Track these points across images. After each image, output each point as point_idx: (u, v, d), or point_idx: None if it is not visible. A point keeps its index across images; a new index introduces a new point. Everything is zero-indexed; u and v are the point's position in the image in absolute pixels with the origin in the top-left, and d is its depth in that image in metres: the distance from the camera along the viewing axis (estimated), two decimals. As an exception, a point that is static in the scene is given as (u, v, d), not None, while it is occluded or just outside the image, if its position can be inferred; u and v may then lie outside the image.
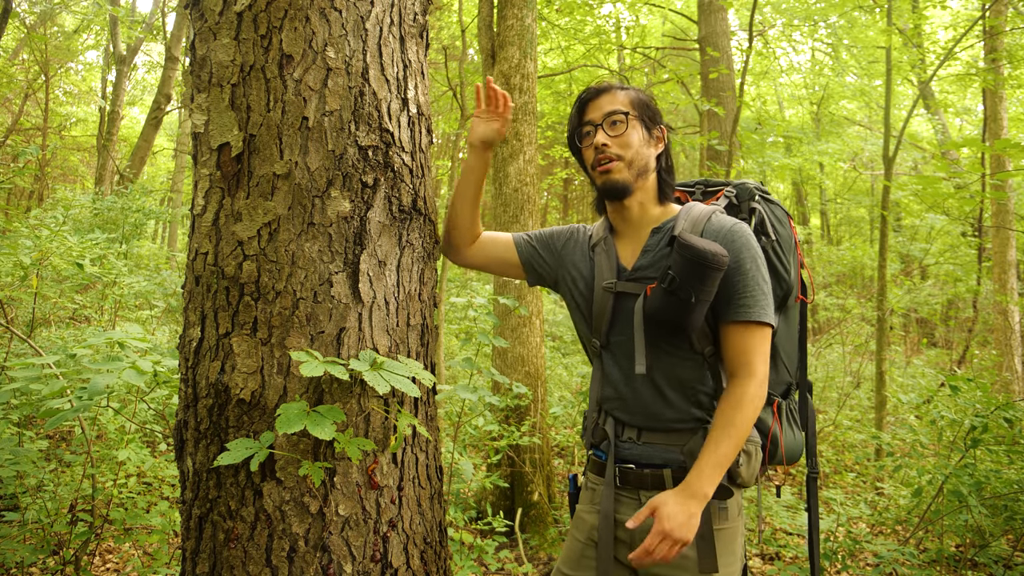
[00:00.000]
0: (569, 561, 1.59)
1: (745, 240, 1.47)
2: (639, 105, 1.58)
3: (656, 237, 1.56)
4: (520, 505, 4.52)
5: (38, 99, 14.84)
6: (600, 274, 1.59)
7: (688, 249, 1.37)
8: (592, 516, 1.57)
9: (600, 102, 1.58)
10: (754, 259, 1.46)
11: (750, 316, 1.43)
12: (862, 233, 18.50)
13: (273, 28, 1.39)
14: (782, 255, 1.58)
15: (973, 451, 3.40)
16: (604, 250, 1.62)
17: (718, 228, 1.49)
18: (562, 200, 20.05)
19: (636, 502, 1.50)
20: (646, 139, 1.57)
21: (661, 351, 1.49)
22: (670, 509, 1.35)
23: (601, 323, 1.57)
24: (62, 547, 2.59)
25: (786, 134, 11.49)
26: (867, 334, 10.12)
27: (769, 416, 1.57)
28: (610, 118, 1.55)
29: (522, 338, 4.76)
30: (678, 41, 13.22)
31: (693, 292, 1.37)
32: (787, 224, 1.64)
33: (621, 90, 1.59)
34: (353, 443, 1.31)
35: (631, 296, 1.53)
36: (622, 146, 1.54)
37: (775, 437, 1.56)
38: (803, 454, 1.67)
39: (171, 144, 19.54)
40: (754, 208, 1.61)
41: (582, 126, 1.61)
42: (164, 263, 10.26)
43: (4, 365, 3.28)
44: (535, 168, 4.96)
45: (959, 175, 8.69)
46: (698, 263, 1.36)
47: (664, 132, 1.61)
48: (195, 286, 1.44)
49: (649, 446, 1.51)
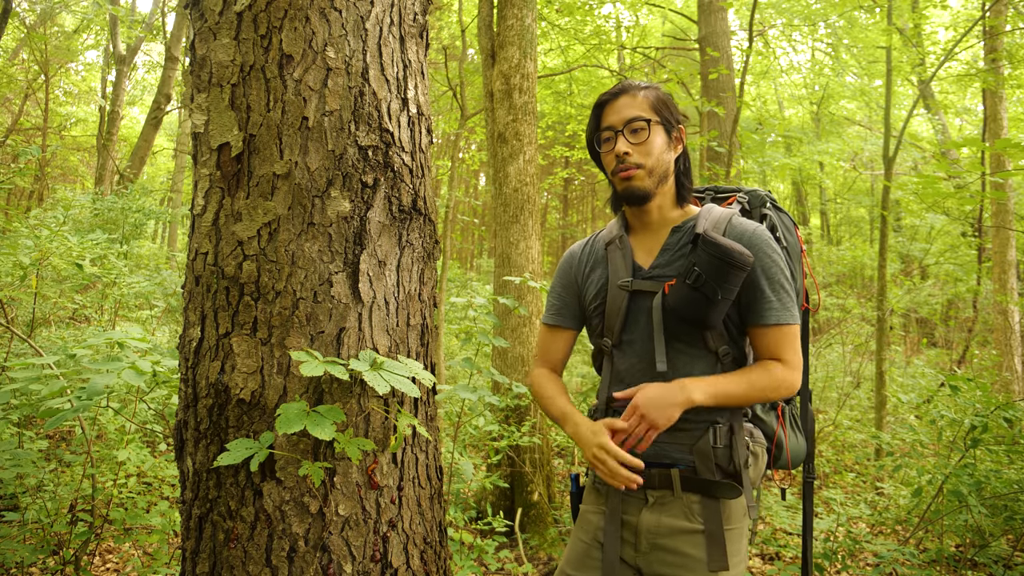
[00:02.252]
0: (573, 561, 1.58)
1: (768, 244, 1.48)
2: (660, 108, 1.56)
3: (676, 236, 1.56)
4: (520, 505, 4.52)
5: (38, 99, 14.84)
6: (615, 272, 1.59)
7: (715, 247, 1.39)
8: (597, 516, 1.57)
9: (619, 105, 1.56)
10: (777, 263, 1.48)
11: (779, 319, 1.46)
12: (862, 233, 18.50)
13: (273, 28, 1.39)
14: (790, 263, 1.58)
15: (973, 451, 3.40)
16: (619, 248, 1.61)
17: (740, 231, 1.49)
18: (562, 200, 20.05)
19: (643, 501, 1.50)
20: (667, 144, 1.56)
21: (676, 350, 1.50)
22: (651, 392, 1.42)
23: (614, 322, 1.57)
24: (62, 547, 2.59)
25: (786, 134, 11.49)
26: (867, 334, 10.11)
27: (774, 420, 1.58)
28: (631, 125, 1.53)
29: (522, 338, 4.76)
30: (678, 41, 13.22)
31: (719, 289, 1.39)
32: (794, 232, 1.66)
33: (641, 91, 1.57)
34: (353, 443, 1.31)
35: (647, 295, 1.53)
36: (644, 154, 1.53)
37: (780, 441, 1.57)
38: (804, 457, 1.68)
39: (171, 144, 19.54)
40: (765, 215, 1.62)
41: (601, 131, 1.59)
42: (164, 263, 10.26)
43: (4, 365, 3.28)
44: (535, 168, 4.96)
45: (959, 175, 8.69)
46: (725, 260, 1.38)
47: (683, 133, 1.59)
48: (195, 286, 1.44)
49: (657, 445, 1.51)
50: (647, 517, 1.49)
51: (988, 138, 8.80)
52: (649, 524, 1.48)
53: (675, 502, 1.47)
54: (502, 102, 4.95)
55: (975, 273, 10.27)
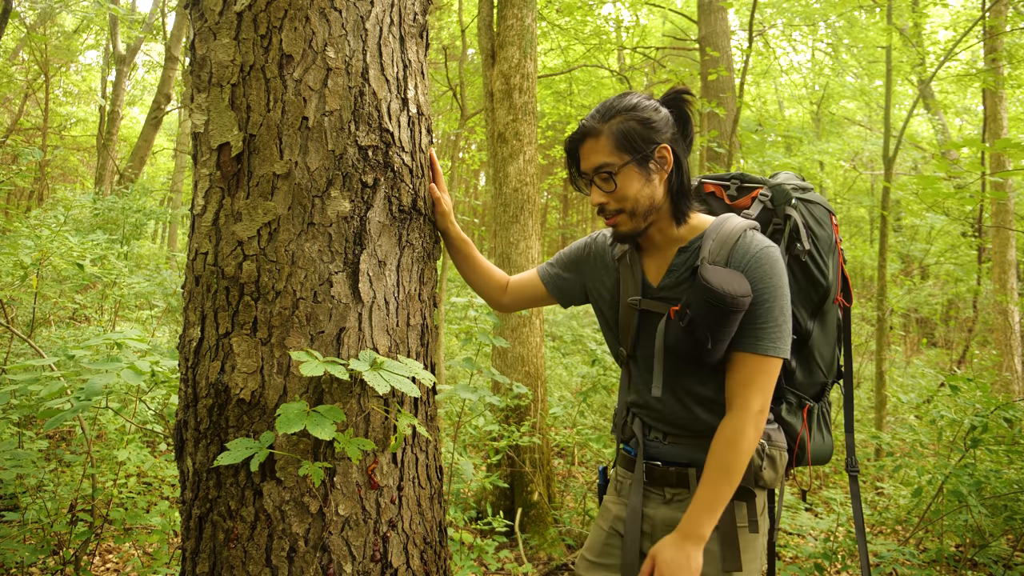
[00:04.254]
0: (593, 548, 1.63)
1: (771, 268, 1.41)
2: (626, 144, 1.44)
3: (682, 257, 1.51)
4: (520, 505, 4.52)
5: (38, 99, 14.84)
6: (625, 289, 1.59)
7: (707, 291, 1.34)
8: (617, 507, 1.61)
9: (585, 150, 1.49)
10: (776, 288, 1.41)
11: (759, 350, 1.40)
12: (862, 233, 18.49)
13: (273, 28, 1.38)
14: (819, 258, 1.55)
15: (973, 451, 3.40)
16: (629, 264, 1.60)
17: (744, 252, 1.42)
18: (562, 200, 20.05)
19: (661, 497, 1.54)
20: (644, 179, 1.45)
21: (683, 371, 1.50)
22: (668, 554, 1.38)
23: (627, 336, 1.58)
24: (62, 547, 2.59)
25: (786, 134, 11.49)
26: (867, 334, 10.11)
27: (799, 422, 1.58)
28: (599, 174, 1.47)
29: (522, 338, 4.76)
30: (678, 41, 13.22)
31: (710, 334, 1.36)
32: (828, 223, 1.59)
33: (604, 125, 1.45)
34: (353, 443, 1.31)
35: (656, 315, 1.52)
36: (620, 200, 1.47)
37: (803, 442, 1.57)
38: (831, 455, 1.68)
39: (171, 144, 19.54)
40: (788, 215, 1.55)
41: (579, 175, 1.55)
42: (164, 263, 10.26)
43: (4, 368, 3.28)
44: (535, 168, 4.96)
45: (959, 175, 8.69)
46: (716, 305, 1.34)
47: (668, 151, 1.46)
48: (195, 286, 1.44)
49: (675, 446, 1.54)
50: (664, 511, 1.53)
51: (988, 138, 8.80)
52: (665, 517, 1.52)
53: (691, 499, 1.48)
54: (502, 102, 4.95)
55: (975, 273, 10.27)
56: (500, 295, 1.81)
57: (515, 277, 1.83)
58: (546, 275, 1.77)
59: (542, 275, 1.78)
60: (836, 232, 1.62)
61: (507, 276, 1.83)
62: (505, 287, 1.81)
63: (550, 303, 1.81)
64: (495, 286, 1.80)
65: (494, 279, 1.80)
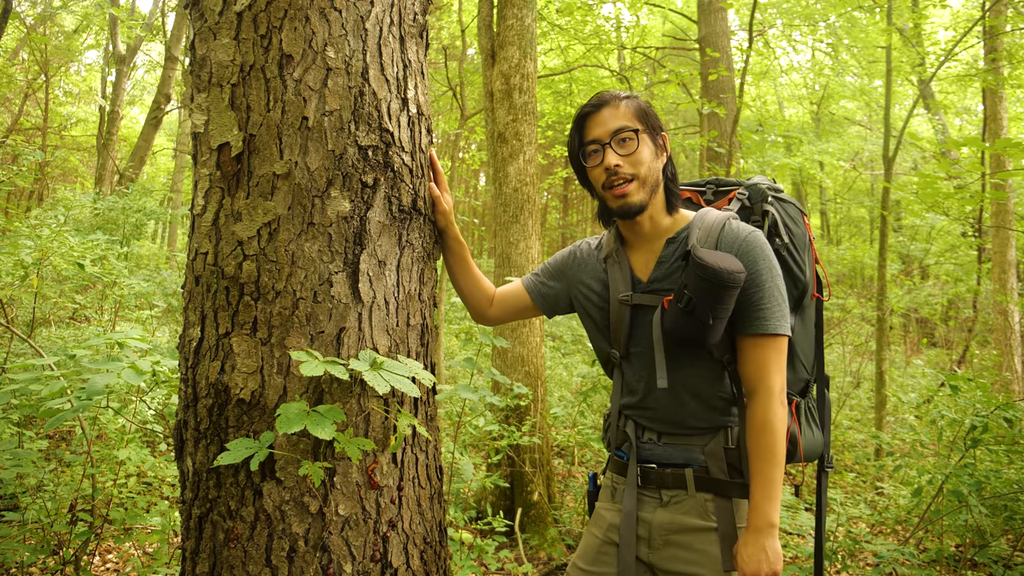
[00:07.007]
0: (586, 556, 1.60)
1: (761, 250, 1.45)
2: (644, 117, 1.52)
3: (670, 248, 1.53)
4: (520, 505, 4.52)
5: (38, 99, 14.85)
6: (615, 287, 1.59)
7: (703, 269, 1.35)
8: (611, 514, 1.59)
9: (602, 117, 1.52)
10: (770, 269, 1.44)
11: (767, 329, 1.42)
12: (862, 233, 18.51)
13: (273, 28, 1.38)
14: (796, 255, 1.56)
15: (973, 451, 3.40)
16: (617, 262, 1.60)
17: (733, 238, 1.46)
18: (562, 200, 20.06)
19: (658, 500, 1.52)
20: (654, 153, 1.53)
21: (680, 363, 1.50)
22: (748, 551, 1.38)
23: (620, 335, 1.57)
24: (62, 547, 2.59)
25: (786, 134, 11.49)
26: (867, 334, 10.12)
27: (788, 416, 1.58)
28: (618, 135, 1.49)
29: (522, 338, 4.76)
30: (678, 41, 13.22)
31: (710, 312, 1.36)
32: (801, 222, 1.62)
33: (623, 100, 1.53)
34: (353, 443, 1.31)
35: (648, 308, 1.52)
36: (635, 164, 1.49)
37: (794, 437, 1.56)
38: (822, 451, 1.68)
39: (171, 144, 19.54)
40: (767, 211, 1.58)
41: (585, 145, 1.55)
42: (164, 263, 10.26)
43: (4, 367, 3.28)
44: (535, 168, 4.97)
45: (959, 175, 8.69)
46: (714, 283, 1.34)
47: (666, 140, 1.57)
48: (195, 286, 1.44)
49: (670, 447, 1.53)
50: (661, 514, 1.51)
51: (988, 138, 8.80)
52: (663, 521, 1.50)
53: (689, 501, 1.48)
54: (502, 102, 4.95)
55: (975, 273, 10.27)
56: (487, 306, 1.81)
57: (501, 289, 1.83)
58: (531, 284, 1.78)
59: (527, 285, 1.79)
60: (809, 231, 1.65)
61: (494, 288, 1.83)
62: (492, 299, 1.81)
63: (535, 314, 1.82)
64: (482, 296, 1.80)
65: (482, 288, 1.80)
